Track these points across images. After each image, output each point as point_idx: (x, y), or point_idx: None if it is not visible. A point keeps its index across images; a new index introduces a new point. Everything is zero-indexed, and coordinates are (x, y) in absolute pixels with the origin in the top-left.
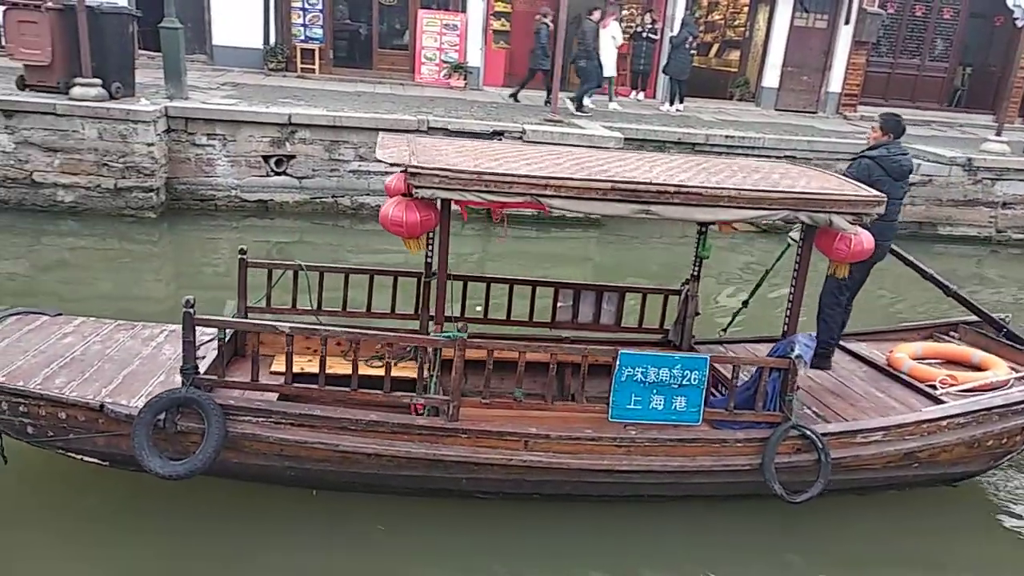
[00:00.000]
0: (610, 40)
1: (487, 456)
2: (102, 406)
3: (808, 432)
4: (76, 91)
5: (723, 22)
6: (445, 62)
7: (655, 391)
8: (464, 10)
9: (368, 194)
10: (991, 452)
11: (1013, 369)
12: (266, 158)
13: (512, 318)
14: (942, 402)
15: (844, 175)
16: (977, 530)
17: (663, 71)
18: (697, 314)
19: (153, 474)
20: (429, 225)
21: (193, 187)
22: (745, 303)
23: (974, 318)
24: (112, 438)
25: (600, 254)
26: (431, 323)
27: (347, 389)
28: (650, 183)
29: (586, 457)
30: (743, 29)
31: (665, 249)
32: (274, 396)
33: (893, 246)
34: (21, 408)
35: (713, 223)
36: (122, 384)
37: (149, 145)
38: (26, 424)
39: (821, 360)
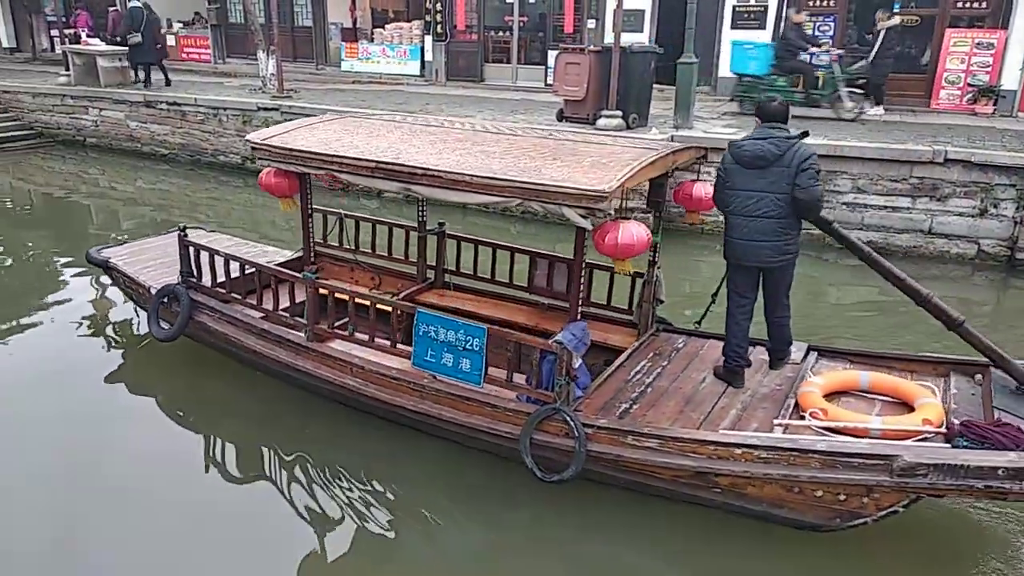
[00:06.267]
0: None
1: (325, 373)
2: (149, 288)
3: (569, 418)
4: (601, 122)
5: None
6: (972, 85)
7: (446, 349)
8: (1004, 26)
9: (861, 228)
10: (829, 507)
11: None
12: None
13: (496, 279)
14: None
15: None
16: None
17: None
18: (661, 301)
19: (151, 334)
20: (284, 189)
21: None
22: (713, 296)
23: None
24: None
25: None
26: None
27: (256, 305)
28: (403, 164)
29: (388, 391)
30: None
31: None
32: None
33: (848, 234)
34: (130, 285)
35: (465, 205)
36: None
37: None
38: (132, 296)
39: (728, 375)
